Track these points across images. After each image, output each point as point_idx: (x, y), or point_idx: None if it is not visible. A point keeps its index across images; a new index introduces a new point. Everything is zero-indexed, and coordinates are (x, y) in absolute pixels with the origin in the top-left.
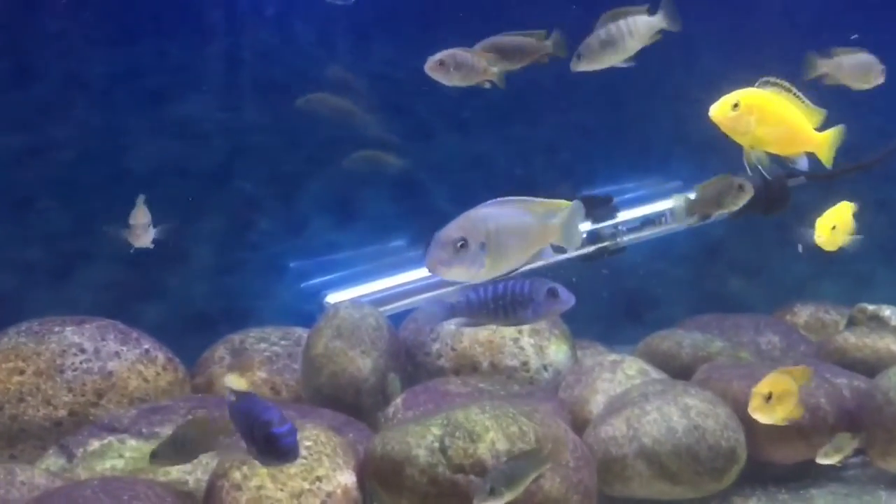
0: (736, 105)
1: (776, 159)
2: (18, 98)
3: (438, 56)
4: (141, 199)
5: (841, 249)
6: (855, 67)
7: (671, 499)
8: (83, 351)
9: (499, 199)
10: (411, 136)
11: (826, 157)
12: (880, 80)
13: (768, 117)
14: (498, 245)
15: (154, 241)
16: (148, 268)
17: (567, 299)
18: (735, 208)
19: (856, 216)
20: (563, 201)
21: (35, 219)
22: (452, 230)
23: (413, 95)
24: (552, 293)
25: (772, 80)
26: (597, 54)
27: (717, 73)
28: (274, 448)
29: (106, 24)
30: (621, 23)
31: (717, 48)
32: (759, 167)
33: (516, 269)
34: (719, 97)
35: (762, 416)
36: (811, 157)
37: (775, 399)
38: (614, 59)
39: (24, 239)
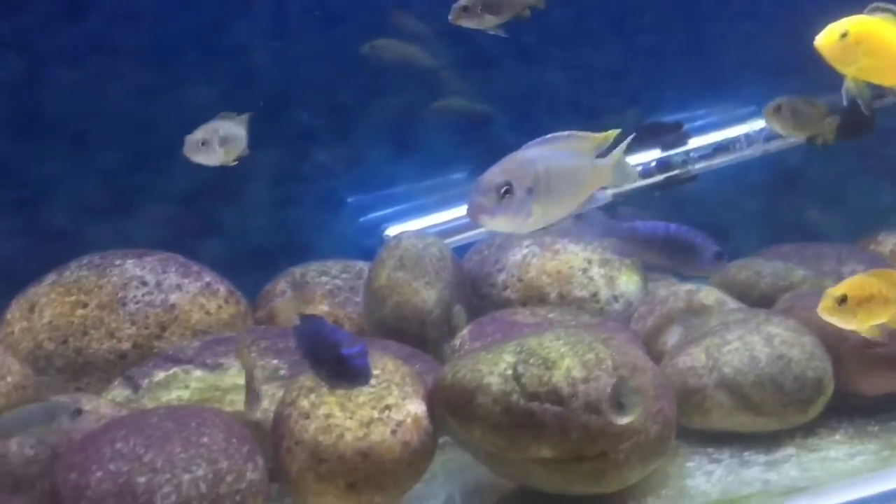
0: (844, 34)
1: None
2: (71, 31)
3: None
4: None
5: None
6: None
7: (753, 431)
8: (145, 283)
9: (544, 137)
10: (471, 65)
11: None
12: None
13: (878, 48)
14: (548, 190)
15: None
16: (205, 203)
17: (724, 265)
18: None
19: None
20: (611, 131)
21: (91, 154)
22: (496, 174)
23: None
24: (718, 256)
25: (882, 5)
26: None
27: None
28: (344, 370)
29: None
30: None
31: None
32: (860, 100)
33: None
34: (822, 23)
35: (834, 320)
36: None
37: (853, 303)
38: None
39: (81, 174)
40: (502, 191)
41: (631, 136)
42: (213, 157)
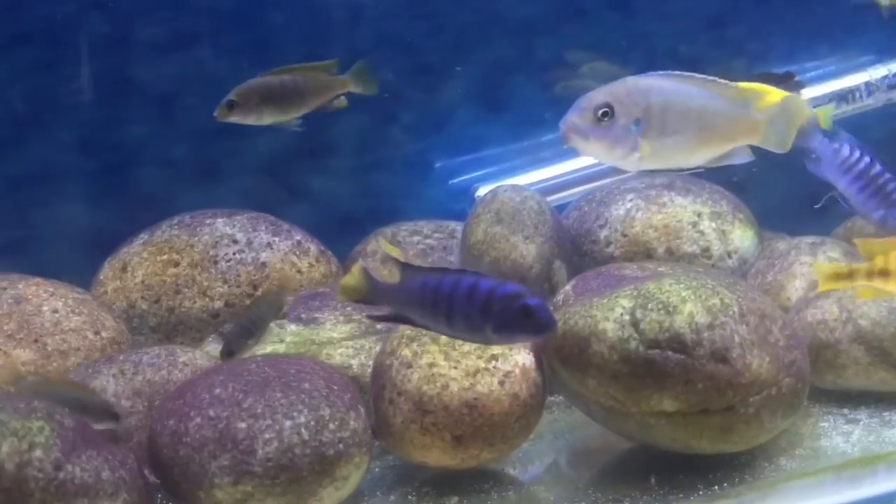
0: None
1: None
2: None
3: None
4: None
5: None
6: None
7: (892, 389)
8: (235, 242)
9: (680, 72)
10: (561, 15)
11: None
12: None
13: None
14: (663, 127)
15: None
16: (291, 169)
17: None
18: None
19: None
20: (773, 89)
21: (179, 116)
22: (598, 94)
23: None
24: None
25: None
26: None
27: None
28: (533, 321)
29: None
30: None
31: None
32: None
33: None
34: None
35: None
36: None
37: None
38: None
39: (170, 137)
40: (600, 112)
41: (797, 99)
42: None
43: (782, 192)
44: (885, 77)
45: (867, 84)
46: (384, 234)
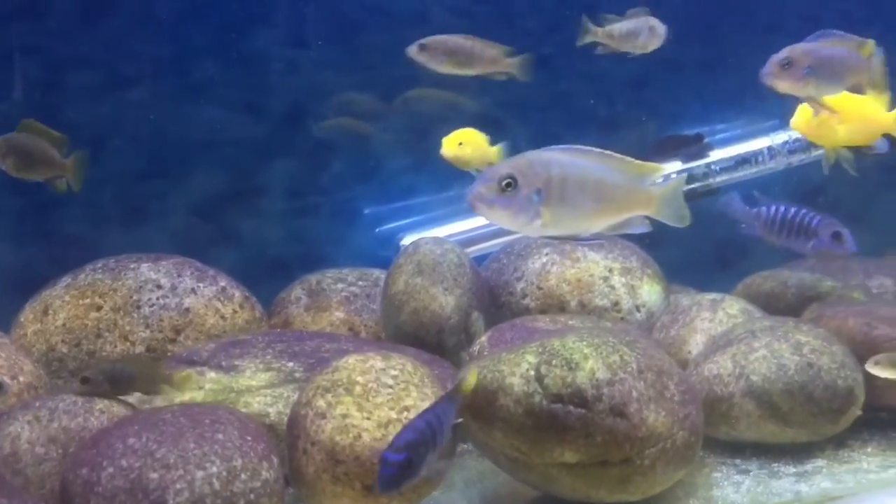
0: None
1: None
2: (88, 34)
3: (424, 40)
4: None
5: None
6: (627, 33)
7: (781, 441)
8: (160, 287)
9: (580, 146)
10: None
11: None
12: (655, 43)
13: (849, 116)
14: (562, 197)
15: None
16: (222, 212)
17: (850, 246)
18: None
19: None
20: (661, 165)
21: (109, 160)
22: (503, 166)
23: (490, 31)
24: (837, 236)
25: None
26: None
27: (812, 3)
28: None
29: None
30: None
31: None
32: (846, 165)
33: (596, 236)
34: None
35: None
36: None
37: None
38: None
39: (98, 181)
40: (504, 183)
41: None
42: None
43: (693, 247)
44: (786, 143)
45: (769, 148)
46: (309, 282)
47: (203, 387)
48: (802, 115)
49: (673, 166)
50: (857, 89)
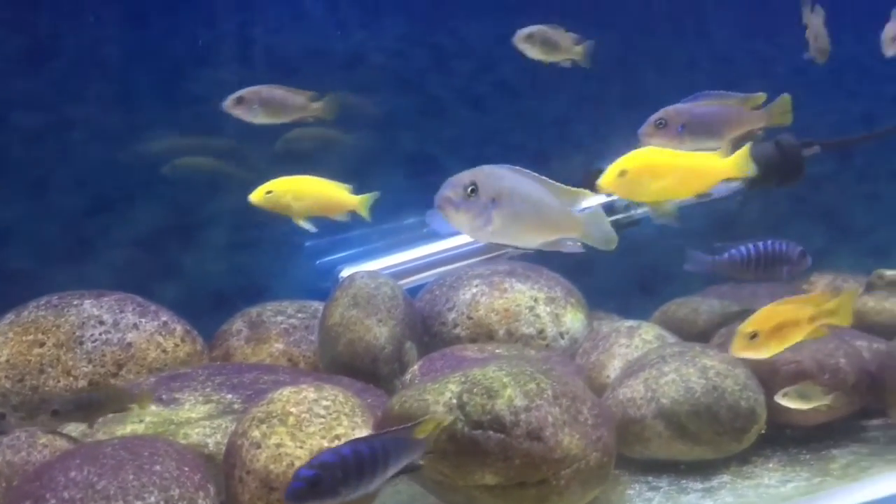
0: (623, 172)
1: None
2: (33, 76)
3: (239, 93)
4: None
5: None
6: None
7: (690, 459)
8: (102, 323)
9: (521, 168)
10: (425, 113)
11: (741, 175)
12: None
13: (661, 171)
14: (511, 207)
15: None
16: (164, 247)
17: (809, 259)
18: None
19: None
20: (588, 192)
21: (52, 198)
22: (465, 175)
23: (426, 72)
24: (803, 254)
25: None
26: None
27: (727, 43)
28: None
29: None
30: None
31: (724, 19)
32: (664, 220)
33: (528, 250)
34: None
35: (749, 355)
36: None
37: (764, 336)
38: None
39: (42, 218)
40: (469, 189)
41: (601, 202)
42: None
43: (619, 274)
44: None
45: None
46: (249, 315)
47: (143, 420)
48: (609, 175)
49: (598, 198)
50: (745, 138)
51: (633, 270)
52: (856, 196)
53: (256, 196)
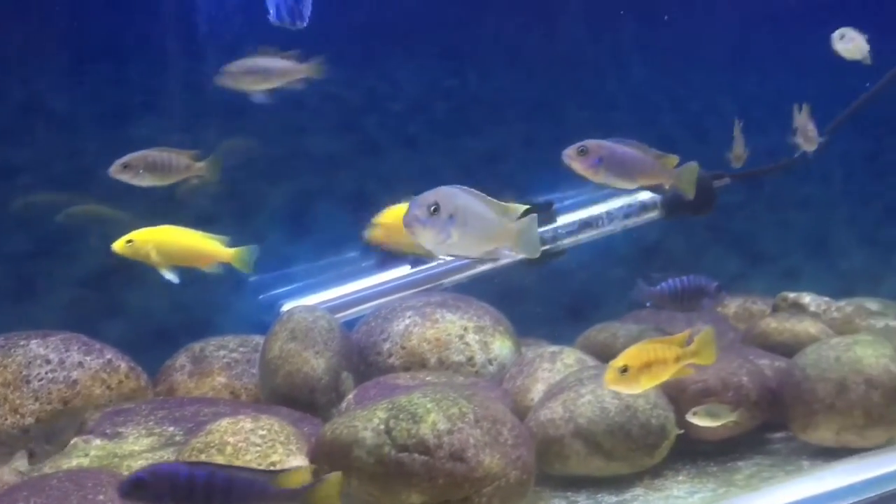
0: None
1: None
2: None
3: (124, 159)
4: None
5: None
6: None
7: (606, 474)
8: (48, 362)
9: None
10: (361, 151)
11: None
12: None
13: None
14: (465, 222)
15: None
16: (109, 285)
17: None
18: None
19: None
20: (519, 206)
21: None
22: (429, 195)
23: (363, 113)
24: (719, 288)
25: None
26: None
27: (649, 84)
28: None
29: (64, 48)
30: None
31: (649, 61)
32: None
33: (475, 259)
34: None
35: (620, 388)
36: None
37: (634, 371)
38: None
39: None
40: (431, 208)
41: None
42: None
43: (549, 301)
44: (621, 207)
45: (608, 213)
46: (192, 350)
47: (88, 454)
48: (119, 244)
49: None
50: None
51: (562, 297)
52: (766, 223)
53: (118, 245)
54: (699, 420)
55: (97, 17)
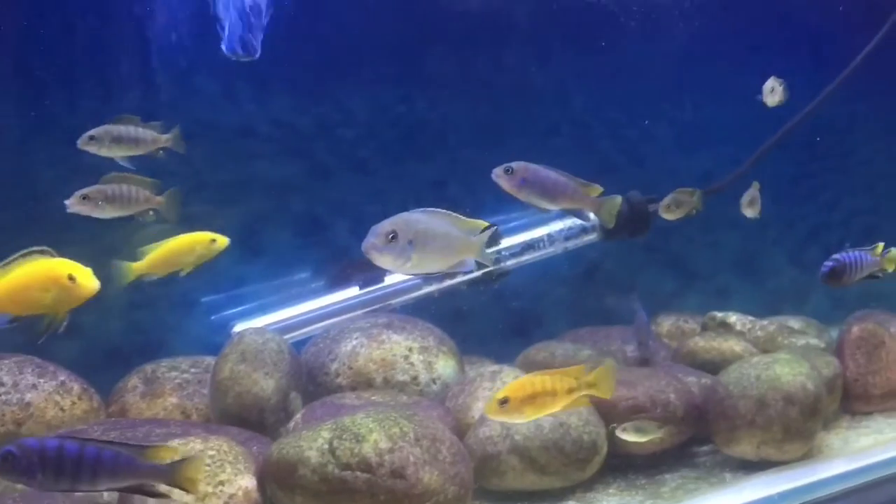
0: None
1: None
2: None
3: (84, 190)
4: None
5: None
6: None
7: (541, 488)
8: (2, 384)
9: (430, 209)
10: (312, 176)
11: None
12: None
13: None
14: (425, 245)
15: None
16: None
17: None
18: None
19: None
20: (481, 222)
21: None
22: (386, 224)
23: (313, 139)
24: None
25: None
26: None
27: (589, 112)
28: None
29: (14, 77)
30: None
31: (589, 89)
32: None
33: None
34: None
35: (501, 419)
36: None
37: (516, 403)
38: None
39: None
40: (389, 236)
41: (494, 228)
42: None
43: (495, 320)
44: (562, 230)
45: (549, 235)
46: (144, 371)
47: None
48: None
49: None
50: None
51: (507, 316)
52: (700, 244)
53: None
54: (627, 436)
55: (50, 45)
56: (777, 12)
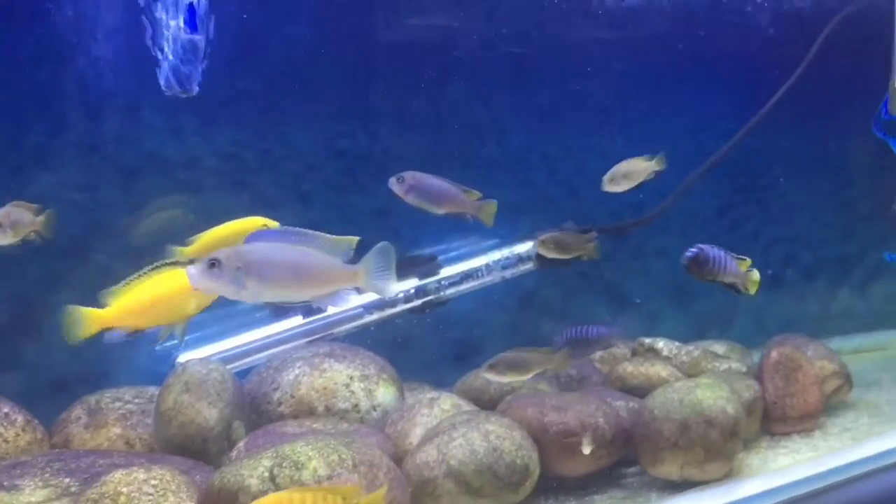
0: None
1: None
2: None
3: None
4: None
5: None
6: None
7: None
8: None
9: (293, 231)
10: (256, 207)
11: None
12: None
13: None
14: (261, 274)
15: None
16: (6, 339)
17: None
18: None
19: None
20: (351, 238)
21: None
22: (213, 255)
23: (257, 172)
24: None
25: None
26: None
27: (526, 146)
28: None
29: None
30: None
31: (526, 124)
32: None
33: (308, 302)
34: None
35: None
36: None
37: None
38: None
39: None
40: (209, 265)
41: (383, 248)
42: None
43: (435, 347)
44: (499, 260)
45: (487, 265)
46: (88, 402)
47: None
48: None
49: (411, 282)
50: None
51: (447, 344)
52: (631, 272)
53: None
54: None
55: None
56: (708, 50)
